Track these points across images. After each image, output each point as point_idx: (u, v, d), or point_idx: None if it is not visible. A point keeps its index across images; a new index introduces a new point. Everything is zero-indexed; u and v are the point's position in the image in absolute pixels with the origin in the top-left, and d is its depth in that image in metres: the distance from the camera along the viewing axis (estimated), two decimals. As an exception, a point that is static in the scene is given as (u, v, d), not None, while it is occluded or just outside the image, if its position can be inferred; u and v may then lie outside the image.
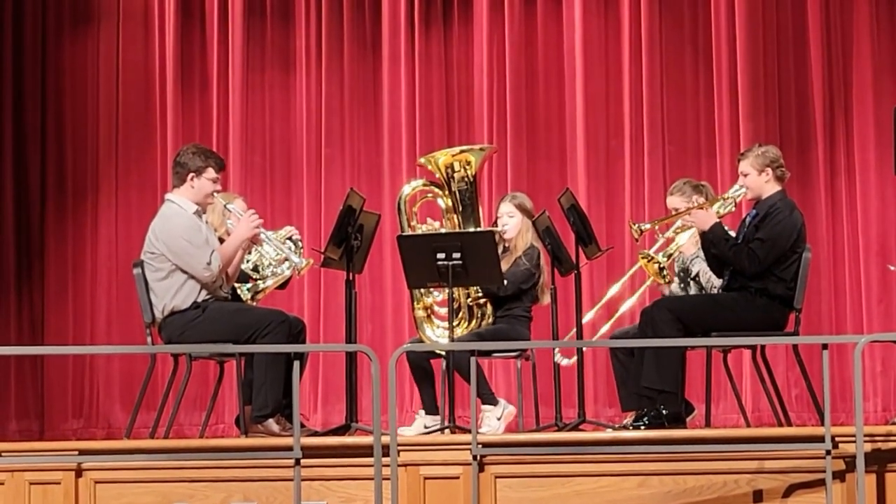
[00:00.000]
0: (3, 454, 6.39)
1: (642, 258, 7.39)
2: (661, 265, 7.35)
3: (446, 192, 7.74)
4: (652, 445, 6.16)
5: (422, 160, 7.93)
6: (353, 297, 7.40)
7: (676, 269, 7.69)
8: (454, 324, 7.47)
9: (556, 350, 7.76)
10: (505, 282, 7.50)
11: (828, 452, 5.88)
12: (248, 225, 7.22)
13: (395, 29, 10.07)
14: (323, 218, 9.94)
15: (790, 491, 6.06)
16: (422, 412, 7.80)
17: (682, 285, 7.67)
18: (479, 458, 6.08)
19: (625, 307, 7.97)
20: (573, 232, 7.56)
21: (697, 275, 7.50)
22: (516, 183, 9.75)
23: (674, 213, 7.50)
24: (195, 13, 10.26)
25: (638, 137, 9.86)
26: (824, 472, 5.89)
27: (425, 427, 7.63)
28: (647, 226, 7.39)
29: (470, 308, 7.73)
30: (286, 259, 7.46)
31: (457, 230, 7.63)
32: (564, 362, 7.78)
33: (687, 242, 7.50)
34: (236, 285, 7.50)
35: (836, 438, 5.97)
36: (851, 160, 9.73)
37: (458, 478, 6.15)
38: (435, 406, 7.74)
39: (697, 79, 9.90)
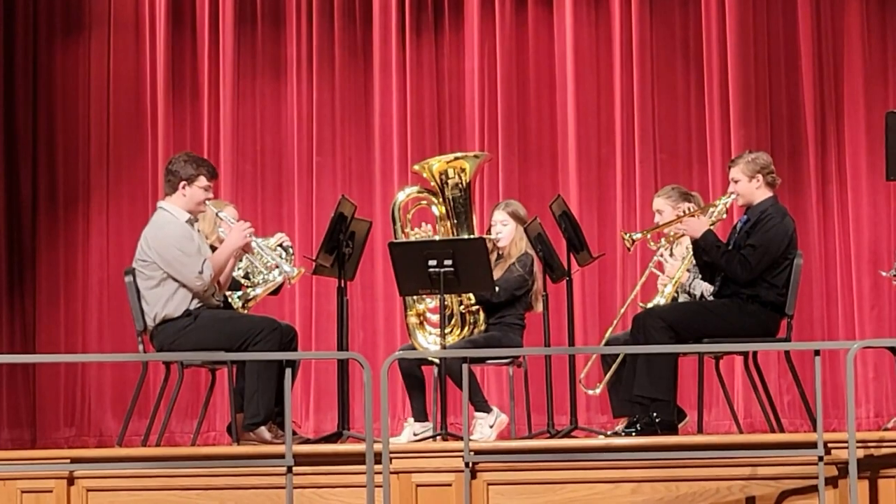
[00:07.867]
0: (-6, 463, 6.39)
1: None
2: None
3: (440, 200, 7.72)
4: (644, 452, 6.16)
5: (416, 167, 7.91)
6: (345, 305, 7.40)
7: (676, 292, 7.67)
8: (446, 331, 7.47)
9: (582, 379, 7.75)
10: (497, 289, 7.50)
11: (820, 458, 5.89)
12: (240, 233, 7.20)
13: (386, 36, 10.06)
14: (314, 225, 9.94)
15: (783, 497, 6.06)
16: (410, 420, 7.80)
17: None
18: (471, 465, 6.08)
19: (623, 311, 7.96)
20: (565, 239, 7.57)
21: (702, 295, 7.45)
22: (507, 190, 9.75)
23: (666, 221, 7.48)
24: (186, 21, 10.25)
25: (629, 145, 9.86)
26: (817, 478, 5.90)
27: (415, 434, 7.62)
28: (639, 235, 7.38)
29: (462, 315, 7.72)
30: (277, 266, 7.45)
31: (449, 237, 7.62)
32: (590, 392, 7.81)
33: (682, 271, 7.49)
34: (227, 293, 7.49)
35: (829, 444, 5.98)
36: (843, 167, 9.74)
37: (450, 485, 6.14)
38: (424, 413, 7.73)
39: (689, 86, 9.91)
